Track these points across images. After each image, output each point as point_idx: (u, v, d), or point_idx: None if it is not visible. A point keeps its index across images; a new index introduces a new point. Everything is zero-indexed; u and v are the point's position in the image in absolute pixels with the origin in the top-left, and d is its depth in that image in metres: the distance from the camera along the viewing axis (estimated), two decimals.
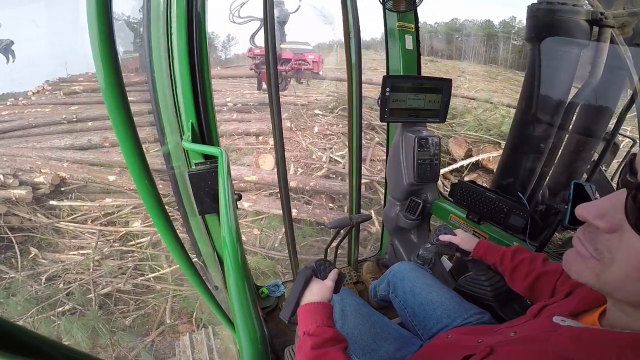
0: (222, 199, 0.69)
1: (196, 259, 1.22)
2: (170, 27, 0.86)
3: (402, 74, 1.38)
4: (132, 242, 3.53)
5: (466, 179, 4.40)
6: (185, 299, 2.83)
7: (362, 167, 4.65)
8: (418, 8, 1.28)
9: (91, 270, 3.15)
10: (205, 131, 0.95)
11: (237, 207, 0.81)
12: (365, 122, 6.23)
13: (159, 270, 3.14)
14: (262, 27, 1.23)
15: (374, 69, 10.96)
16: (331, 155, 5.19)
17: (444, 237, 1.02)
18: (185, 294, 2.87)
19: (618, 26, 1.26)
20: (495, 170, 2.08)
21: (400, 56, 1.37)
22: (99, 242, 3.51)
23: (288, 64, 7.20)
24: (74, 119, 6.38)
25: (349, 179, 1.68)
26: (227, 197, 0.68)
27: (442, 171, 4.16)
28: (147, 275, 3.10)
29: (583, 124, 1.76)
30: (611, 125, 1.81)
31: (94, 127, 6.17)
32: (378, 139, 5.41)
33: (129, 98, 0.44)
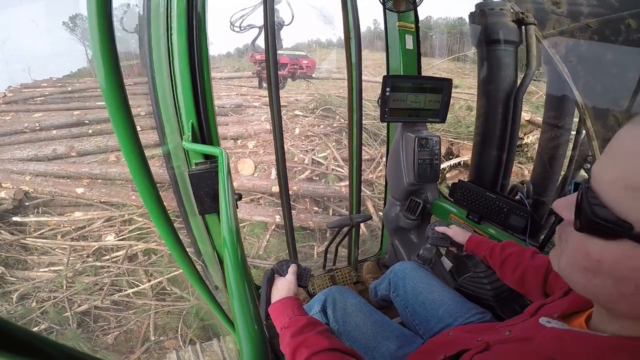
0: (222, 198, 0.69)
1: (196, 259, 1.22)
2: (170, 27, 0.86)
3: (402, 73, 1.38)
4: (107, 257, 3.36)
5: (447, 175, 4.39)
6: (168, 314, 2.73)
7: (342, 170, 4.60)
8: (418, 8, 1.29)
9: (64, 287, 3.01)
10: (205, 131, 0.95)
11: (237, 207, 0.81)
12: (344, 123, 6.14)
13: (137, 286, 3.02)
14: (262, 33, 1.25)
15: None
16: (314, 157, 5.06)
17: (439, 229, 1.07)
18: (168, 309, 2.77)
19: (552, 45, 1.36)
20: (470, 166, 2.15)
21: (401, 56, 1.37)
22: (71, 258, 3.34)
23: (285, 68, 8.18)
24: (37, 128, 5.84)
25: (349, 179, 1.69)
26: (227, 197, 0.69)
27: None
28: (126, 290, 2.98)
29: (549, 118, 1.81)
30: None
31: (59, 136, 5.69)
32: None
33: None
